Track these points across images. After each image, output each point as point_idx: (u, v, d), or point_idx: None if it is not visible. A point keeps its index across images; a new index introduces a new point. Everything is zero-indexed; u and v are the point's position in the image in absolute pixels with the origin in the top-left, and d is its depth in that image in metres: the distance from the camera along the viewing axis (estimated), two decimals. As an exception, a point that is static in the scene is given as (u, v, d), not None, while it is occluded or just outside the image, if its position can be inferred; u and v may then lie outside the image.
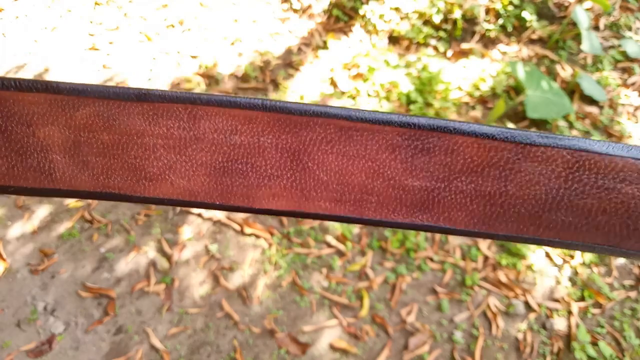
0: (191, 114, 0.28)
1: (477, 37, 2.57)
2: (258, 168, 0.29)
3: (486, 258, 1.83)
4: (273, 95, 2.30)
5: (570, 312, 1.71)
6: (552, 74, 2.44)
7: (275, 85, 2.36)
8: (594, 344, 1.64)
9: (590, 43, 2.33)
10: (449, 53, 2.51)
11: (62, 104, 0.28)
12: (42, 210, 1.88)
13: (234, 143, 0.29)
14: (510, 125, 2.17)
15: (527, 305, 1.73)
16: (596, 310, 1.72)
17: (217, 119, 0.28)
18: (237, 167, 0.29)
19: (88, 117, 0.28)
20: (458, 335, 1.65)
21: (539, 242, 0.29)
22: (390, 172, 0.29)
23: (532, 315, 1.70)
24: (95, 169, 0.29)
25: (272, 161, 0.29)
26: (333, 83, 2.35)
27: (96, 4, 2.68)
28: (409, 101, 2.29)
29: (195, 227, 1.85)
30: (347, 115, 0.28)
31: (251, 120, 0.28)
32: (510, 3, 2.61)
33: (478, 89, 2.36)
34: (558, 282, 1.79)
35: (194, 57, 2.45)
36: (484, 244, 1.86)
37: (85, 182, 0.29)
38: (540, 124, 2.23)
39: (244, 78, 2.37)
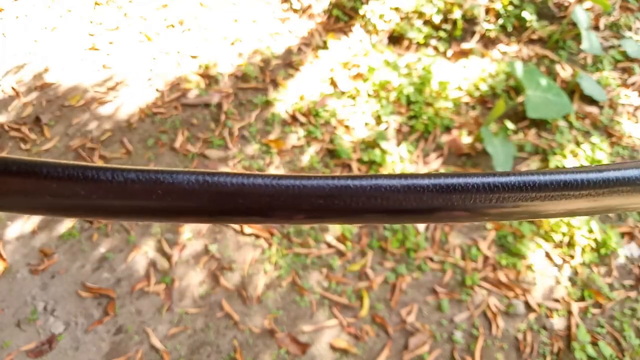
0: None
1: (477, 37, 2.57)
2: None
3: (486, 258, 1.83)
4: (272, 95, 2.30)
5: (570, 312, 1.71)
6: (552, 74, 2.44)
7: (275, 85, 2.36)
8: (594, 344, 1.64)
9: (590, 43, 2.33)
10: (449, 53, 2.51)
11: None
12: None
13: None
14: (510, 125, 2.17)
15: (527, 305, 1.73)
16: (596, 310, 1.72)
17: None
18: None
19: None
20: (458, 335, 1.65)
21: None
22: None
23: (532, 315, 1.70)
24: None
25: None
26: (333, 83, 2.35)
27: (96, 4, 2.68)
28: (409, 101, 2.29)
29: (194, 226, 1.85)
30: None
31: None
32: (510, 3, 2.60)
33: (478, 88, 2.36)
34: (558, 282, 1.79)
35: (194, 57, 2.45)
36: (484, 244, 1.86)
37: None
38: (540, 124, 2.23)
39: (244, 78, 2.37)
